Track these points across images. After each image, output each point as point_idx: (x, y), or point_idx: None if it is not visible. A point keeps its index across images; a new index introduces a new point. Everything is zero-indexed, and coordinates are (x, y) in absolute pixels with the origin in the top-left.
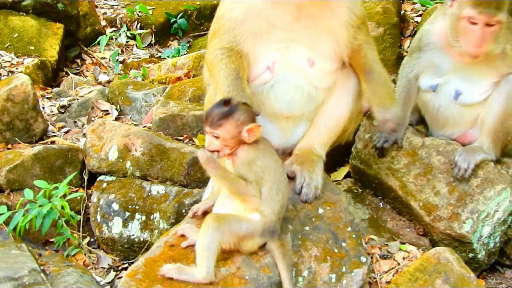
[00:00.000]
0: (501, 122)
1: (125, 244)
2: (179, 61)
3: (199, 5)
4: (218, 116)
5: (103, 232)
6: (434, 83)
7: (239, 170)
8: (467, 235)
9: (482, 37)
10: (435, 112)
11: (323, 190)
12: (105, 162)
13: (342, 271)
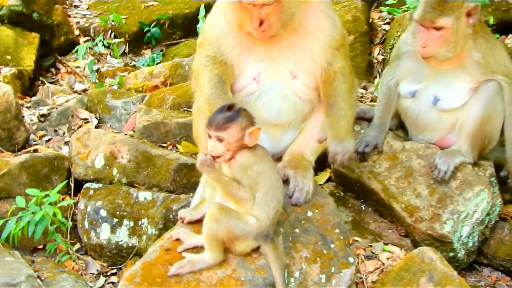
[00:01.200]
0: (479, 127)
1: (113, 249)
2: (155, 70)
3: (171, 14)
4: (223, 120)
5: (91, 239)
6: (413, 90)
7: (235, 174)
8: (448, 235)
9: (427, 39)
10: (414, 118)
11: (312, 195)
12: (92, 170)
13: (331, 271)
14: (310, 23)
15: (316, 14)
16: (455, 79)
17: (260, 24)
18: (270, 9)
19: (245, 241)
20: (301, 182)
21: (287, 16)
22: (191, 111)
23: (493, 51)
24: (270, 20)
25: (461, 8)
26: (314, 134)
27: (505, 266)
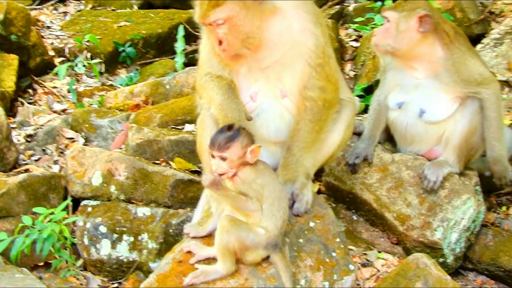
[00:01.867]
0: (466, 140)
1: (113, 264)
2: (136, 89)
3: (144, 34)
4: (225, 140)
5: (91, 254)
6: (399, 101)
7: (240, 189)
8: (439, 242)
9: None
10: (403, 130)
11: (313, 205)
12: (89, 187)
13: (334, 278)
14: (284, 39)
15: (292, 28)
16: (435, 89)
17: (220, 44)
18: (225, 29)
19: (256, 251)
20: (301, 193)
21: (243, 34)
22: (180, 129)
23: (466, 59)
24: (228, 40)
25: (412, 11)
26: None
27: (490, 270)
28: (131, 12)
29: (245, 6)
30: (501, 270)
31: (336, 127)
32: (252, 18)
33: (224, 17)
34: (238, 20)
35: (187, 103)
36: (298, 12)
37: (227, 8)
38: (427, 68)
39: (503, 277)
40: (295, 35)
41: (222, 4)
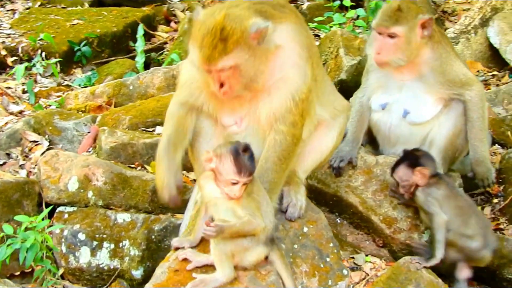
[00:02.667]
0: (451, 142)
1: (93, 273)
2: (97, 89)
3: (99, 33)
4: (249, 164)
5: (70, 263)
6: (383, 102)
7: (243, 204)
8: (426, 244)
9: (381, 46)
10: (387, 131)
11: (306, 210)
12: (65, 193)
13: (329, 284)
14: (276, 76)
15: (283, 65)
16: (419, 90)
17: (221, 86)
18: (229, 73)
19: (256, 250)
20: (294, 198)
21: (247, 78)
22: (151, 131)
23: (451, 60)
24: (231, 83)
25: (415, 19)
26: (306, 154)
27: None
28: (82, 10)
29: (252, 53)
30: (484, 271)
31: (331, 133)
32: (258, 63)
33: (232, 65)
34: (245, 66)
35: (156, 104)
36: (294, 47)
37: (236, 55)
38: (413, 69)
39: (486, 278)
40: (285, 69)
41: (231, 52)
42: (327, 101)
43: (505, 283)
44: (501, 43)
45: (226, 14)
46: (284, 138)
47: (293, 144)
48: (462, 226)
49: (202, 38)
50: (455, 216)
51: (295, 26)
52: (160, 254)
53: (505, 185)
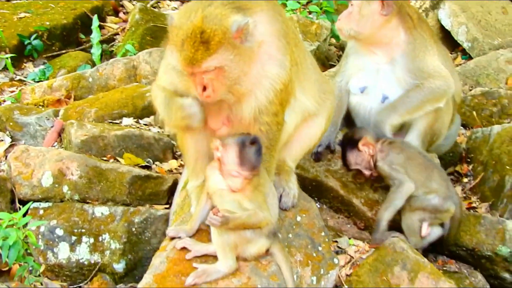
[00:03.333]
0: (430, 127)
1: (73, 268)
2: (55, 83)
3: (48, 26)
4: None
5: (49, 259)
6: (362, 86)
7: (250, 197)
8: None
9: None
10: (367, 115)
11: (298, 199)
12: (39, 189)
13: (321, 273)
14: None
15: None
16: (394, 75)
17: (203, 89)
18: (213, 75)
19: (258, 242)
20: (287, 187)
21: (231, 81)
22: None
23: (426, 48)
24: (214, 86)
25: None
26: (294, 142)
27: (451, 250)
28: (28, 2)
29: (237, 52)
30: (462, 249)
31: (319, 120)
32: (242, 63)
33: (217, 65)
34: (229, 67)
35: (120, 96)
36: (273, 40)
37: (220, 56)
38: (387, 52)
39: (464, 256)
40: (266, 66)
41: (214, 52)
42: (311, 84)
43: (484, 260)
44: (453, 25)
45: (204, 16)
46: (270, 128)
47: (278, 131)
48: (427, 181)
49: (182, 43)
50: (419, 174)
51: (271, 14)
52: (141, 246)
53: (474, 164)
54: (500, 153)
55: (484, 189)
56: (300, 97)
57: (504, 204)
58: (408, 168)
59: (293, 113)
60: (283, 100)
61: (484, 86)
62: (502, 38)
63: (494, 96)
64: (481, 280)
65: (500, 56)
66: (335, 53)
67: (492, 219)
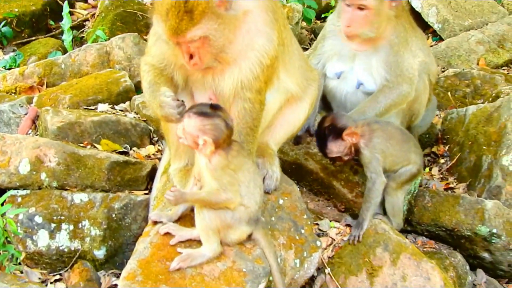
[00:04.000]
0: (408, 108)
1: (53, 256)
2: (26, 70)
3: (17, 12)
4: (195, 110)
5: (28, 247)
6: (338, 71)
7: (214, 175)
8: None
9: (351, 18)
10: (342, 99)
11: (280, 182)
12: (16, 176)
13: (304, 256)
14: (243, 43)
15: (250, 31)
16: (371, 62)
17: (190, 58)
18: (198, 44)
19: (239, 228)
20: (270, 169)
21: (217, 49)
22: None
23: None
24: (200, 54)
25: None
26: (278, 126)
27: (430, 230)
28: None
29: (221, 21)
30: (442, 230)
31: (302, 105)
32: (227, 32)
33: (201, 35)
34: (214, 36)
35: (94, 82)
36: (260, 12)
37: (204, 25)
38: (370, 41)
39: (444, 237)
40: (252, 36)
41: (198, 22)
42: (295, 69)
43: (463, 240)
44: (423, 6)
45: None
46: (253, 106)
47: (261, 110)
48: (407, 154)
49: (166, 12)
50: (400, 150)
51: None
52: (121, 232)
53: (450, 145)
54: (476, 133)
55: (461, 170)
56: (284, 79)
57: (481, 184)
58: (390, 148)
59: (276, 94)
60: (268, 78)
61: (456, 67)
62: (473, 19)
63: (467, 77)
64: (460, 260)
65: (471, 37)
66: (307, 36)
67: (471, 199)
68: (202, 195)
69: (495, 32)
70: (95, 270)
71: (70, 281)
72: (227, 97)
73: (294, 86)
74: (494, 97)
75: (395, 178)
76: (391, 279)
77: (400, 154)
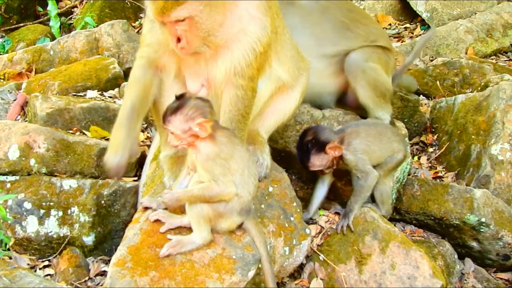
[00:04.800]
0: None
1: (42, 242)
2: (15, 56)
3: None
4: (169, 111)
5: (17, 233)
6: None
7: (205, 166)
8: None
9: None
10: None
11: (270, 169)
12: (5, 162)
13: (293, 243)
14: (235, 29)
15: (242, 17)
16: None
17: (178, 41)
18: (186, 26)
19: (230, 218)
20: (261, 157)
21: (205, 32)
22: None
23: None
24: (188, 37)
25: None
26: (269, 114)
27: (419, 219)
28: None
29: (208, 3)
30: (430, 218)
31: (294, 94)
32: (215, 15)
33: (186, 16)
34: (200, 18)
35: (83, 68)
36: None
37: (190, 6)
38: None
39: (432, 226)
40: (245, 21)
41: (185, 2)
42: (287, 58)
43: (452, 229)
44: None
45: None
46: (245, 93)
47: (253, 97)
48: (389, 145)
49: None
50: (381, 143)
51: None
52: (110, 219)
53: (438, 134)
54: (465, 122)
55: (450, 159)
56: (276, 67)
57: (470, 173)
58: (371, 146)
59: (268, 82)
60: (260, 65)
61: (444, 57)
62: (461, 8)
63: (456, 66)
64: (449, 249)
65: (459, 26)
66: None
67: (460, 188)
68: (194, 192)
69: (484, 21)
70: (84, 256)
71: (59, 267)
72: (219, 83)
73: (286, 74)
74: (483, 86)
75: (382, 166)
76: (380, 267)
77: (382, 147)
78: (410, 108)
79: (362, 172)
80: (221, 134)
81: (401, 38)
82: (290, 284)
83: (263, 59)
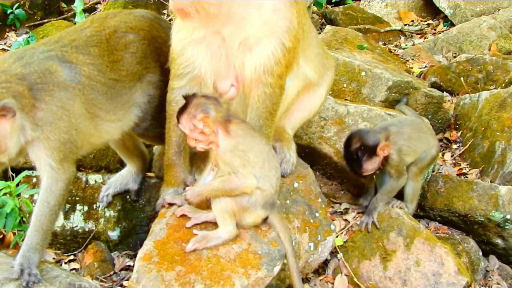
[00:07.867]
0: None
1: (67, 236)
2: None
3: None
4: (178, 112)
5: None
6: None
7: (224, 159)
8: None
9: None
10: None
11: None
12: None
13: (318, 239)
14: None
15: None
16: None
17: None
18: None
19: (255, 212)
20: (288, 154)
21: None
22: None
23: None
24: None
25: None
26: (295, 111)
27: (443, 216)
28: None
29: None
30: (455, 215)
31: (320, 91)
32: None
33: None
34: None
35: None
36: None
37: None
38: None
39: (457, 222)
40: (266, 14)
41: None
42: (313, 55)
43: (476, 226)
44: None
45: None
46: (273, 91)
47: (281, 95)
48: (426, 141)
49: None
50: (419, 140)
51: None
52: (135, 214)
53: (463, 131)
54: (490, 119)
55: (474, 155)
56: (303, 65)
57: (494, 170)
58: (413, 144)
59: (295, 79)
60: (289, 62)
61: (468, 53)
62: (484, 5)
63: (479, 62)
64: (473, 246)
65: (482, 23)
66: (318, 21)
67: (484, 184)
68: (214, 186)
69: (507, 17)
70: (109, 251)
71: (84, 262)
72: (248, 82)
73: (312, 72)
74: (507, 83)
75: (416, 163)
76: (405, 264)
77: (422, 143)
78: (434, 105)
79: (398, 172)
80: (236, 127)
81: (424, 34)
82: (315, 280)
83: (292, 55)
